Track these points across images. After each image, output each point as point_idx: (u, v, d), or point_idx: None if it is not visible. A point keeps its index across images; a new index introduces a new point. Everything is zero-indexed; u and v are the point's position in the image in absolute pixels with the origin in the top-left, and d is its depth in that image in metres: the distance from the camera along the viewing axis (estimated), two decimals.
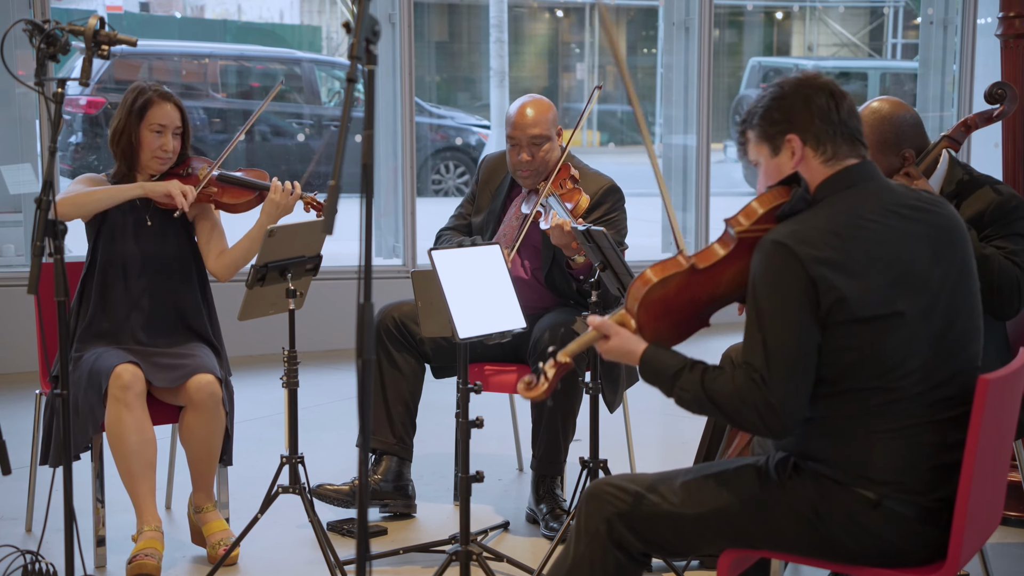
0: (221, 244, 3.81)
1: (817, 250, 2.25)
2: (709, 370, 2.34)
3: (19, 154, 6.45)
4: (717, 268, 2.39)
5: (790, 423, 2.28)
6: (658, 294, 2.39)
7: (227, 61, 11.29)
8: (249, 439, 4.72)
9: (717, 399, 2.30)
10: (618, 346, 2.42)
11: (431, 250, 3.25)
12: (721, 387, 2.30)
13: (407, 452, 4.01)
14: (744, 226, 2.38)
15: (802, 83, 2.40)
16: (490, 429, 3.34)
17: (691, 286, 2.40)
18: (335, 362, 6.36)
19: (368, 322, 1.95)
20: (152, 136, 3.68)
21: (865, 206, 2.34)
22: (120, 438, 3.43)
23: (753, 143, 2.45)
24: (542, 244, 4.00)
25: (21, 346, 5.33)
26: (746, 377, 2.27)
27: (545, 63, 19.37)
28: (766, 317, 2.26)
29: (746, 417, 2.28)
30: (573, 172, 3.98)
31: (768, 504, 2.36)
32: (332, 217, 1.97)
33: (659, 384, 2.39)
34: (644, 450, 4.42)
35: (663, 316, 2.41)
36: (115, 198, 3.64)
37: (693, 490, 2.41)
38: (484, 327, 3.24)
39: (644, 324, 2.40)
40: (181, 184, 3.69)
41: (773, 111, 2.41)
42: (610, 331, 2.42)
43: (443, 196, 12.44)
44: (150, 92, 3.70)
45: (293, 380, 3.50)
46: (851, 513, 2.31)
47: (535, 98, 4.04)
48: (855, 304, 2.25)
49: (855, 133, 2.40)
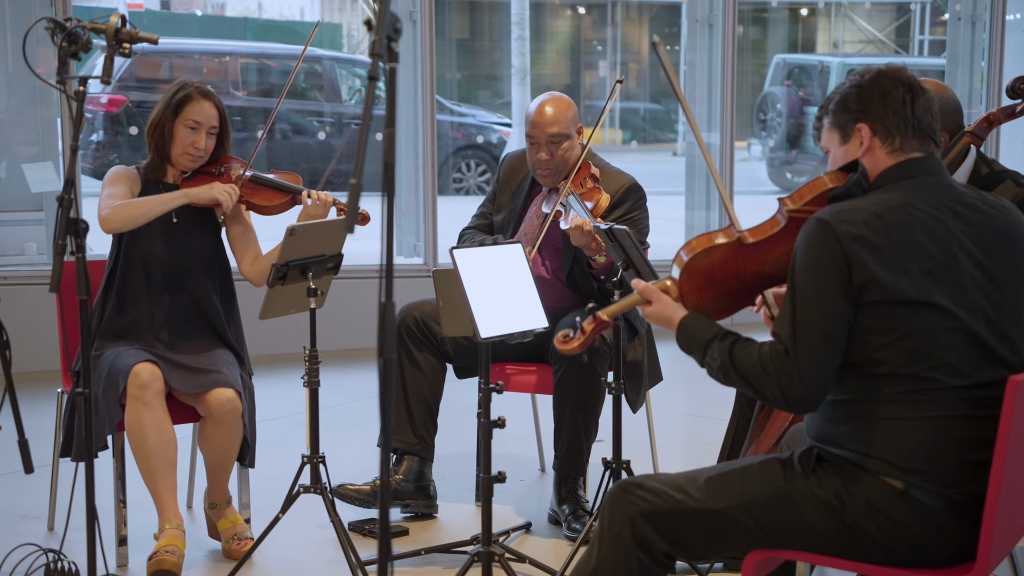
0: (255, 249, 3.82)
1: (856, 228, 2.27)
2: (739, 341, 2.37)
3: (41, 152, 6.49)
4: (765, 245, 2.42)
5: (812, 396, 2.29)
6: (702, 263, 2.42)
7: (248, 59, 11.32)
8: (270, 439, 4.74)
9: (741, 368, 2.33)
10: (659, 311, 2.47)
11: (453, 249, 3.25)
12: (747, 357, 2.33)
13: (428, 452, 4.02)
14: (795, 206, 2.42)
15: (882, 74, 2.42)
16: (512, 429, 3.34)
17: (737, 260, 2.43)
18: (356, 361, 6.37)
19: (389, 321, 1.95)
20: (185, 131, 3.68)
21: (919, 197, 2.35)
22: (140, 437, 3.45)
23: (826, 130, 2.48)
24: (563, 243, 3.99)
25: (43, 345, 5.36)
26: (771, 347, 2.30)
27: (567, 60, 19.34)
28: (799, 290, 2.29)
29: (768, 387, 2.30)
30: (593, 171, 3.97)
31: (793, 495, 2.36)
32: (353, 216, 1.98)
33: (692, 352, 2.43)
34: (667, 450, 4.41)
35: (706, 286, 2.44)
36: (162, 207, 3.63)
37: (717, 485, 2.41)
38: (506, 326, 3.24)
39: (686, 292, 2.44)
40: (222, 184, 3.68)
41: (849, 100, 2.43)
42: (652, 296, 2.47)
43: (464, 195, 12.44)
44: (191, 88, 3.70)
45: (314, 379, 3.51)
46: (876, 501, 2.30)
47: (554, 96, 4.04)
48: (888, 286, 2.26)
49: (928, 130, 2.42)
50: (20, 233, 6.65)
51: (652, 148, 17.93)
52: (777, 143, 14.38)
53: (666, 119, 18.57)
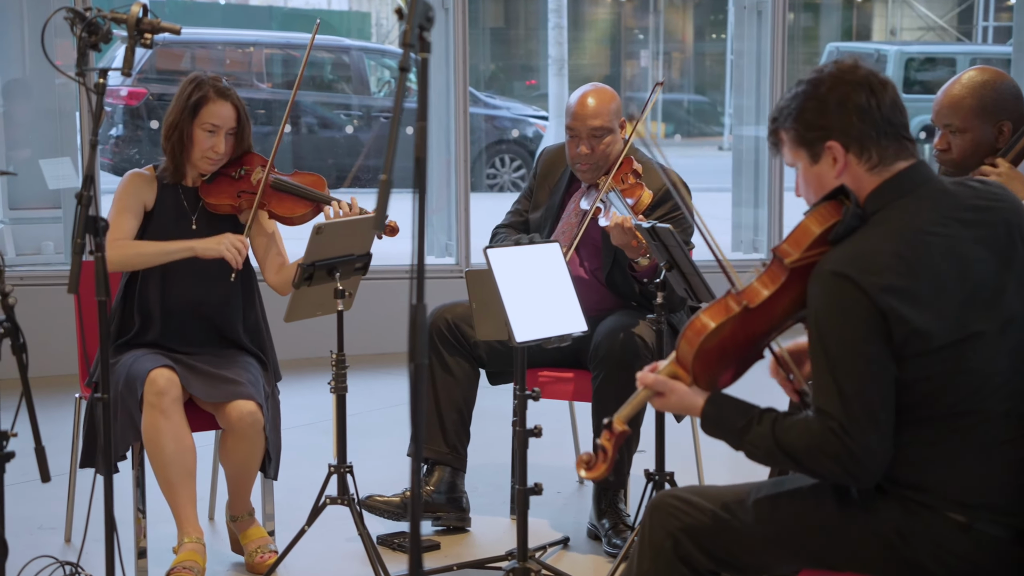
0: (279, 258, 3.81)
1: (883, 278, 2.19)
2: (780, 420, 2.29)
3: (58, 147, 6.55)
4: (770, 303, 2.34)
5: (876, 470, 2.23)
6: (713, 342, 2.35)
7: (272, 49, 11.38)
8: (295, 447, 4.76)
9: (793, 453, 2.26)
10: (675, 402, 2.39)
11: (486, 248, 3.25)
12: (796, 439, 2.25)
13: (461, 462, 4.02)
14: (795, 256, 2.31)
15: (836, 78, 2.31)
16: (549, 438, 3.34)
17: (746, 326, 2.35)
18: (385, 366, 6.39)
19: (420, 324, 1.96)
20: (203, 135, 3.66)
21: (925, 217, 2.27)
22: (157, 446, 3.47)
23: (788, 146, 2.38)
24: (602, 242, 3.99)
25: (60, 348, 5.40)
26: (823, 426, 2.21)
27: (607, 50, 19.30)
28: (836, 358, 2.20)
29: (828, 469, 2.23)
30: (636, 166, 3.96)
31: (848, 525, 2.32)
32: (383, 214, 1.98)
33: (725, 439, 2.36)
34: (713, 462, 4.39)
35: (719, 361, 2.38)
36: (163, 258, 3.65)
37: (766, 508, 2.39)
38: (542, 330, 3.24)
39: (700, 374, 2.37)
40: (231, 238, 3.64)
41: (807, 112, 2.32)
42: (663, 388, 2.39)
43: (498, 191, 12.45)
44: (207, 87, 3.65)
45: (341, 385, 3.52)
46: (939, 537, 2.26)
47: (597, 87, 4.03)
48: (930, 335, 2.20)
49: (901, 129, 2.32)
50: (37, 232, 6.72)
51: (696, 142, 17.87)
52: None
53: (711, 111, 18.50)
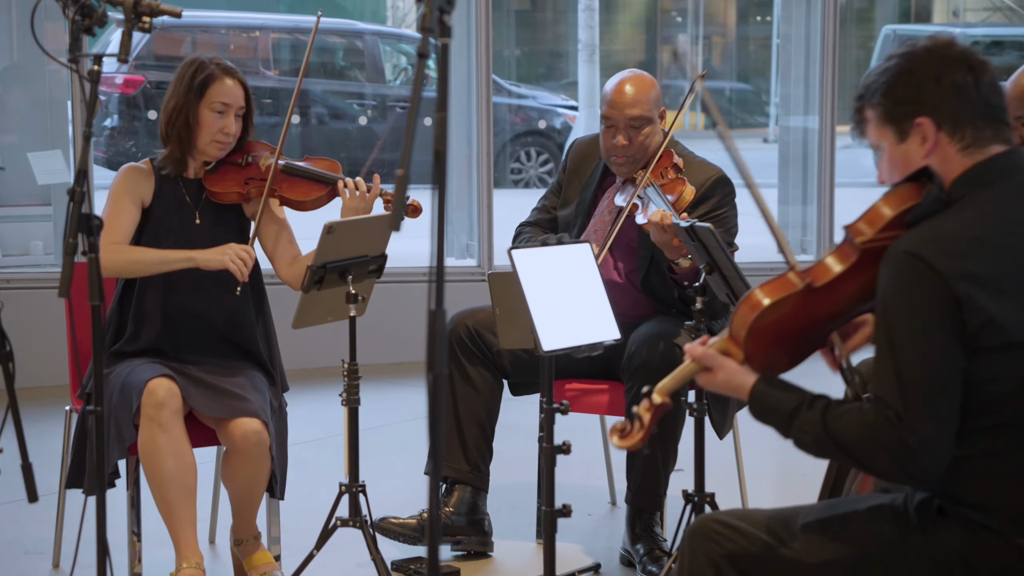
0: (291, 249, 3.82)
1: (961, 262, 2.19)
2: (832, 407, 2.29)
3: (49, 139, 6.58)
4: (837, 284, 2.34)
5: (934, 468, 2.22)
6: (770, 319, 2.35)
7: (280, 34, 11.43)
8: (304, 465, 4.77)
9: (844, 442, 2.26)
10: (723, 380, 2.40)
11: (511, 249, 3.26)
12: (848, 427, 2.25)
13: (483, 481, 4.03)
14: (868, 235, 2.31)
15: (932, 52, 2.31)
16: (578, 456, 3.34)
17: (808, 307, 2.35)
18: (401, 377, 6.40)
19: (439, 331, 1.96)
20: (213, 117, 3.68)
21: (1015, 208, 2.27)
22: (155, 463, 3.47)
23: (874, 124, 2.38)
24: (638, 242, 3.99)
25: (50, 356, 5.43)
26: (878, 415, 2.21)
27: (641, 34, 19.30)
28: (900, 343, 2.20)
29: (880, 463, 2.23)
30: (676, 160, 3.96)
31: (907, 552, 2.31)
32: (400, 212, 1.99)
33: (773, 424, 2.36)
34: (758, 483, 4.39)
35: (775, 342, 2.38)
36: (161, 267, 3.64)
37: (816, 534, 2.38)
38: (572, 338, 3.24)
39: (753, 353, 2.38)
40: (236, 248, 3.63)
41: (897, 87, 2.32)
42: (712, 363, 2.40)
43: (524, 187, 12.46)
44: (211, 66, 3.69)
45: (354, 397, 3.53)
46: (1007, 566, 2.25)
47: (636, 74, 4.03)
48: (1006, 328, 2.19)
49: (999, 113, 2.31)
50: (25, 230, 6.76)
51: (740, 134, 17.83)
52: None
53: (756, 100, 18.47)
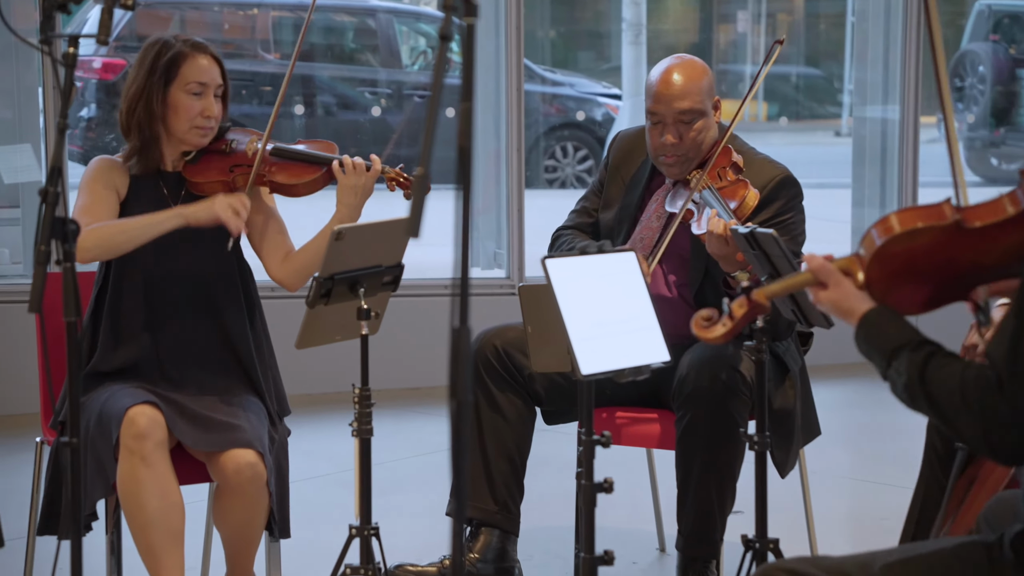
0: (283, 243, 3.84)
1: None
2: (936, 355, 2.31)
3: (16, 132, 6.61)
4: (992, 231, 2.35)
5: (1021, 447, 2.23)
6: (901, 247, 2.38)
7: (281, 12, 11.48)
8: (309, 503, 4.77)
9: (934, 393, 2.27)
10: (836, 299, 2.45)
11: (545, 258, 3.25)
12: (943, 378, 2.27)
13: (512, 524, 4.03)
14: None
15: None
16: (622, 495, 3.32)
17: (950, 247, 2.38)
18: (420, 404, 6.41)
19: (463, 352, 1.96)
20: (189, 100, 3.69)
21: None
22: (136, 502, 3.47)
23: None
24: (691, 252, 3.98)
25: (18, 381, 5.46)
26: (979, 372, 2.23)
27: (695, 12, 19.32)
28: None
29: (965, 423, 2.25)
30: (735, 158, 3.95)
31: None
32: (419, 215, 1.99)
33: (873, 358, 2.40)
34: (828, 527, 4.37)
35: (902, 276, 2.41)
36: (150, 231, 3.63)
37: (898, 574, 2.37)
38: (614, 360, 3.23)
39: (875, 280, 2.41)
40: (226, 198, 3.65)
41: None
42: (829, 278, 2.45)
43: (559, 188, 12.49)
44: (179, 44, 3.71)
45: (365, 427, 3.53)
46: None
47: (684, 60, 4.03)
48: None
49: None
50: None
51: (808, 126, 17.83)
52: (978, 118, 14.14)
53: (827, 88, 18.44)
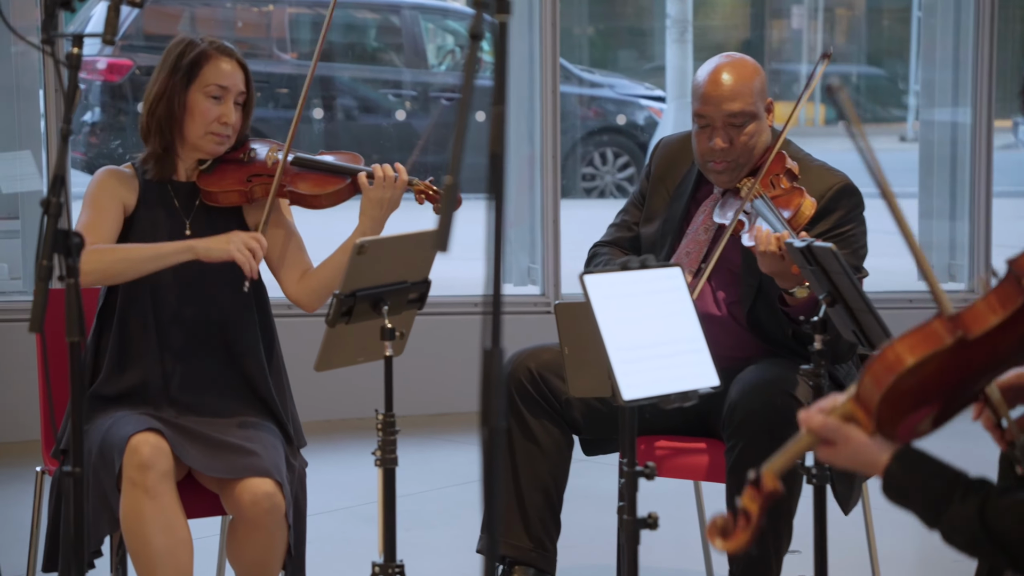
0: (301, 260, 3.86)
1: None
2: (991, 499, 2.27)
3: (15, 138, 6.64)
4: (997, 334, 2.32)
5: None
6: (911, 383, 2.33)
7: (298, 8, 11.53)
8: (327, 539, 4.78)
9: (1011, 545, 2.24)
10: (849, 456, 2.38)
11: (583, 274, 3.26)
12: (1015, 525, 2.23)
13: (548, 562, 4.03)
14: None
15: None
16: (667, 530, 3.31)
17: (959, 364, 2.34)
18: (448, 432, 6.41)
19: (495, 376, 1.97)
20: (207, 104, 3.72)
21: None
22: (141, 539, 3.48)
23: None
24: (743, 267, 3.98)
25: (18, 405, 5.48)
26: None
27: (745, 7, 19.30)
28: None
29: None
30: (790, 165, 3.95)
31: None
32: (447, 227, 2.00)
33: (915, 511, 2.35)
34: (894, 567, 4.36)
35: (915, 408, 2.37)
36: (156, 263, 3.64)
37: None
38: (659, 385, 3.23)
39: (886, 421, 2.36)
40: (244, 236, 3.63)
41: None
42: (835, 435, 2.38)
43: (598, 197, 12.49)
44: (204, 44, 3.74)
45: (390, 456, 3.54)
46: None
47: (734, 59, 4.04)
48: None
49: None
50: None
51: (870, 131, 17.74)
52: None
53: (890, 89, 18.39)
